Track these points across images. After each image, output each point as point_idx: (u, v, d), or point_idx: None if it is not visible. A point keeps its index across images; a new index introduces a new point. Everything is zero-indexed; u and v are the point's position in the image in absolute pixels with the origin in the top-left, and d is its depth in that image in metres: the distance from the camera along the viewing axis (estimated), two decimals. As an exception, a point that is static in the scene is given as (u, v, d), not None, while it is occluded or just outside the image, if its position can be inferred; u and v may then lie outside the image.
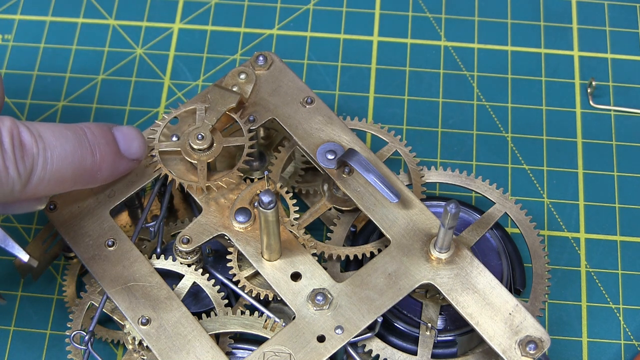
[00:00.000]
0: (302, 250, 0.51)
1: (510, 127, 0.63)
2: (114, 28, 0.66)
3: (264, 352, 0.48)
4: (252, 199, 0.52)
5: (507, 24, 0.67)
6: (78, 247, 0.51)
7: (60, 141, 0.47)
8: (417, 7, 0.68)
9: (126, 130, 0.51)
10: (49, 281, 0.57)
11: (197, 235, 0.51)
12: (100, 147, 0.48)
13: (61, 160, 0.46)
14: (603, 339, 0.56)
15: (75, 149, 0.47)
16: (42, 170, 0.46)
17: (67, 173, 0.47)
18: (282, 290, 0.50)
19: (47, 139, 0.46)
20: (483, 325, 0.48)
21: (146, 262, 0.51)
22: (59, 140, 0.47)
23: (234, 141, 0.53)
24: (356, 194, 0.52)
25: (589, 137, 0.63)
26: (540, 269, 0.53)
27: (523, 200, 0.60)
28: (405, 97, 0.64)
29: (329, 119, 0.54)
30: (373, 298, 0.49)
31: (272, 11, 0.67)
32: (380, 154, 0.56)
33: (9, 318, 0.56)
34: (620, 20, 0.67)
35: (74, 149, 0.47)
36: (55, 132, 0.47)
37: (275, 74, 0.56)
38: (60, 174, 0.47)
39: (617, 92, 0.64)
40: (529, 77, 0.65)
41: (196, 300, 0.53)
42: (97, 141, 0.48)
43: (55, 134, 0.47)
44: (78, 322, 0.53)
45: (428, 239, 0.50)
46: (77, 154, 0.47)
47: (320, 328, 0.48)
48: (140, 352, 0.51)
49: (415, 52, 0.66)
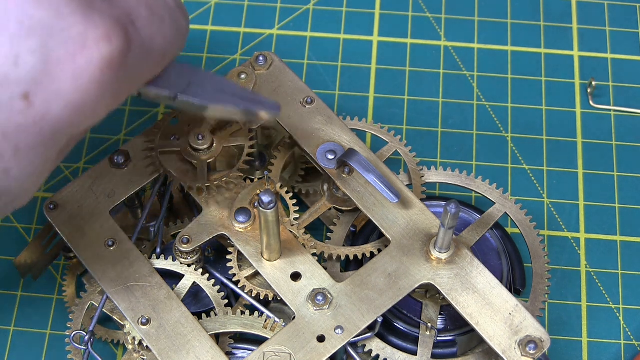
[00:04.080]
0: (302, 250, 0.51)
1: (510, 127, 0.63)
2: (114, 28, 0.66)
3: (264, 352, 0.48)
4: (252, 199, 0.52)
5: (507, 24, 0.67)
6: (78, 247, 0.51)
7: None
8: (417, 7, 0.68)
9: None
10: (49, 281, 0.57)
11: (197, 235, 0.51)
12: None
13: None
14: (603, 339, 0.56)
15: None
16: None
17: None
18: (282, 290, 0.50)
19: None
20: (483, 325, 0.48)
21: (146, 262, 0.51)
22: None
23: (234, 141, 0.53)
24: (356, 194, 0.52)
25: (589, 137, 0.63)
26: (540, 269, 0.53)
27: (523, 200, 0.60)
28: (405, 97, 0.64)
29: (329, 119, 0.54)
30: (373, 298, 0.49)
31: (272, 11, 0.67)
32: (380, 154, 0.56)
33: (9, 318, 0.56)
34: (620, 20, 0.67)
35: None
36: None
37: (275, 74, 0.55)
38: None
39: (617, 92, 0.64)
40: (529, 77, 0.65)
41: (196, 300, 0.53)
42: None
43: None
44: (78, 322, 0.53)
45: (428, 239, 0.50)
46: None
47: (320, 328, 0.48)
48: (140, 352, 0.51)
49: (415, 52, 0.66)
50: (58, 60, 0.39)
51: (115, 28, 0.40)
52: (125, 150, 0.53)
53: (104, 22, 0.40)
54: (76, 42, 0.39)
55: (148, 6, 0.43)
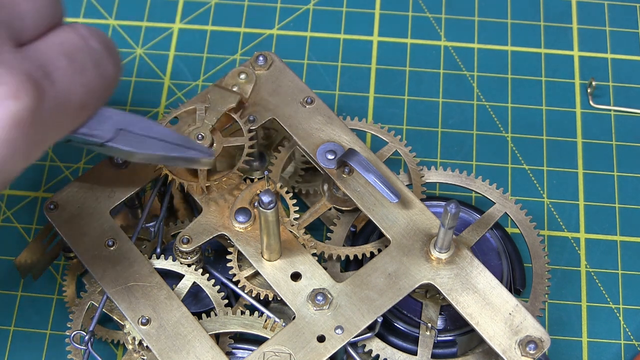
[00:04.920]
0: (302, 250, 0.51)
1: (510, 127, 0.63)
2: (114, 28, 0.66)
3: (264, 352, 0.48)
4: (252, 199, 0.52)
5: (507, 24, 0.67)
6: (78, 247, 0.51)
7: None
8: (417, 7, 0.68)
9: None
10: (49, 281, 0.57)
11: (197, 235, 0.51)
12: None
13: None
14: (603, 339, 0.56)
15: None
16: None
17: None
18: (282, 290, 0.50)
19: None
20: (483, 325, 0.48)
21: (146, 262, 0.51)
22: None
23: (234, 141, 0.53)
24: (356, 194, 0.52)
25: (589, 137, 0.63)
26: (540, 269, 0.53)
27: (523, 200, 0.60)
28: (405, 97, 0.64)
29: (329, 119, 0.54)
30: (373, 298, 0.49)
31: (272, 11, 0.67)
32: (380, 154, 0.56)
33: (9, 318, 0.56)
34: (620, 20, 0.67)
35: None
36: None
37: (275, 74, 0.56)
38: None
39: (617, 92, 0.64)
40: (529, 77, 0.65)
41: (196, 300, 0.53)
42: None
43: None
44: (78, 322, 0.53)
45: (428, 239, 0.50)
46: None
47: (320, 328, 0.48)
48: (140, 352, 0.51)
49: (415, 52, 0.66)
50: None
51: (25, 84, 0.38)
52: (125, 150, 0.53)
53: (12, 78, 0.37)
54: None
55: (68, 55, 0.40)
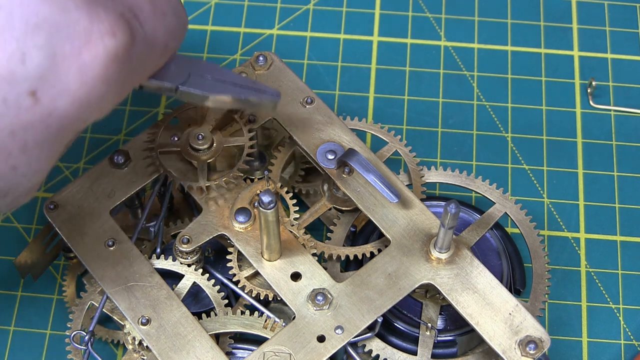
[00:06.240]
0: (302, 250, 0.51)
1: (510, 127, 0.63)
2: (114, 28, 0.66)
3: (264, 352, 0.48)
4: (252, 199, 0.52)
5: (507, 24, 0.67)
6: (78, 247, 0.51)
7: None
8: (417, 7, 0.68)
9: None
10: (49, 281, 0.57)
11: (197, 235, 0.51)
12: None
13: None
14: (603, 339, 0.56)
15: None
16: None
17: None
18: (282, 290, 0.50)
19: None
20: (483, 325, 0.48)
21: (146, 262, 0.51)
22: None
23: (234, 141, 0.53)
24: (356, 194, 0.52)
25: (589, 137, 0.63)
26: (540, 269, 0.53)
27: (523, 200, 0.60)
28: (405, 97, 0.64)
29: (329, 119, 0.54)
30: (373, 298, 0.49)
31: (272, 11, 0.67)
32: (380, 154, 0.56)
33: (9, 318, 0.56)
34: (620, 20, 0.67)
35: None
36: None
37: (275, 74, 0.56)
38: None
39: (617, 92, 0.64)
40: (529, 77, 0.65)
41: (196, 300, 0.53)
42: None
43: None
44: (78, 322, 0.53)
45: (428, 239, 0.50)
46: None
47: (320, 328, 0.48)
48: (140, 352, 0.51)
49: (415, 52, 0.66)
50: (64, 56, 0.39)
51: (119, 22, 0.40)
52: (125, 150, 0.53)
53: (108, 16, 0.40)
54: (81, 37, 0.39)
55: (150, 0, 0.43)
